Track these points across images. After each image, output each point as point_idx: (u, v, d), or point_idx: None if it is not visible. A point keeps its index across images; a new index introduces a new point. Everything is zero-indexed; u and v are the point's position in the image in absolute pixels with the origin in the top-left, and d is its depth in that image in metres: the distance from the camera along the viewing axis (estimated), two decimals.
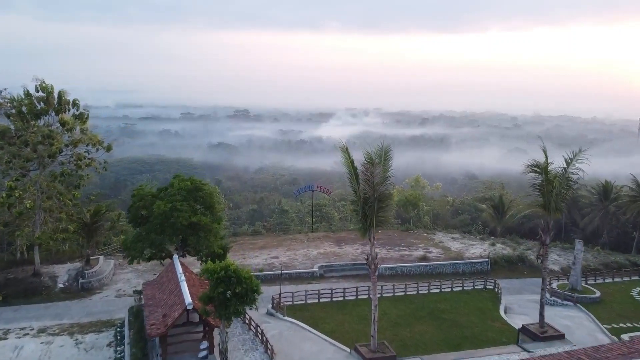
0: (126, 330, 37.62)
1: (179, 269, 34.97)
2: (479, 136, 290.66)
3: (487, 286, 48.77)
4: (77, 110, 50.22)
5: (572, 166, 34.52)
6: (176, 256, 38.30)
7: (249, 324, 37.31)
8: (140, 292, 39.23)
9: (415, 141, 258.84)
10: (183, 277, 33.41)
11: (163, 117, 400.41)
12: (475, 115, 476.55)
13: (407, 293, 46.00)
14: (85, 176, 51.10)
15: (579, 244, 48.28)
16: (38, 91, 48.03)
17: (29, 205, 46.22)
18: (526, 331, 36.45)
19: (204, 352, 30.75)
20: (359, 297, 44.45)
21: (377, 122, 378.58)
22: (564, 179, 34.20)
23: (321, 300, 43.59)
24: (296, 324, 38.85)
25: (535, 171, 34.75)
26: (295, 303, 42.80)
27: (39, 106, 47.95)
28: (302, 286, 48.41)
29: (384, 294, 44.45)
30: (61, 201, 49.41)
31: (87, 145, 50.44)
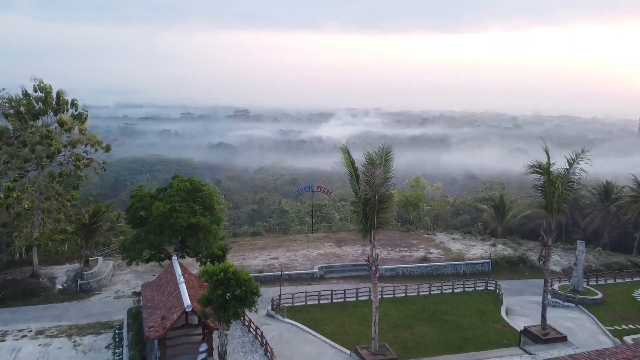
0: (125, 332, 37.33)
1: (178, 271, 34.67)
2: (479, 136, 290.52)
3: (488, 287, 48.51)
4: (75, 110, 49.95)
5: (574, 167, 34.19)
6: (175, 257, 37.98)
7: (248, 325, 37.03)
8: (139, 293, 38.92)
9: (415, 141, 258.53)
10: (182, 279, 33.10)
11: (163, 117, 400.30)
12: (475, 115, 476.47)
13: (408, 294, 45.76)
14: (84, 177, 50.72)
15: (580, 245, 47.97)
16: (36, 91, 47.75)
17: (27, 206, 45.94)
18: (528, 333, 36.16)
19: (203, 355, 30.51)
20: (360, 298, 44.19)
21: (377, 122, 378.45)
22: (566, 179, 33.85)
23: (321, 301, 43.36)
24: (296, 326, 38.59)
25: (538, 172, 34.40)
26: (295, 304, 42.58)
27: (37, 106, 47.67)
28: (302, 287, 48.19)
29: (384, 295, 44.21)
30: (60, 202, 49.10)
31: (85, 145, 50.18)
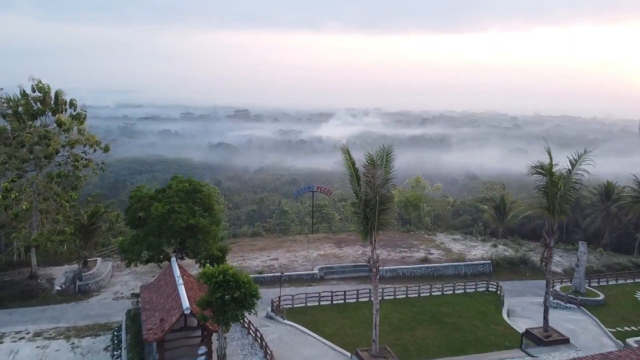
0: (123, 335, 37.00)
1: (177, 272, 34.37)
2: (479, 136, 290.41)
3: (490, 288, 48.19)
4: (74, 110, 49.51)
5: (576, 167, 33.87)
6: (174, 259, 37.68)
7: (248, 328, 36.72)
8: (138, 295, 38.59)
9: (415, 141, 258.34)
10: (181, 281, 32.81)
11: (163, 117, 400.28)
12: (475, 115, 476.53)
13: (409, 295, 45.48)
14: (82, 177, 50.35)
15: (582, 246, 47.64)
16: (35, 91, 47.31)
17: (25, 207, 45.55)
18: (530, 335, 35.84)
19: (202, 358, 30.15)
20: (360, 299, 43.87)
21: (377, 122, 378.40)
22: (568, 180, 33.52)
23: (321, 303, 43.06)
24: (296, 328, 38.28)
25: (540, 173, 34.08)
26: (295, 306, 42.28)
27: (35, 106, 47.24)
28: (302, 288, 47.88)
29: (385, 297, 43.88)
30: (58, 202, 48.72)
31: (84, 145, 49.72)
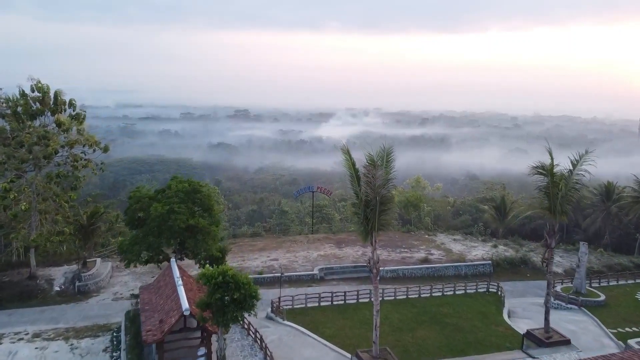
0: (122, 336, 36.82)
1: (176, 273, 34.22)
2: (479, 136, 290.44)
3: (490, 289, 48.02)
4: (73, 110, 49.32)
5: (578, 168, 33.69)
6: (173, 260, 37.51)
7: (247, 329, 36.56)
8: (137, 296, 38.45)
9: (415, 141, 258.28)
10: (180, 282, 32.66)
11: (163, 117, 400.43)
12: (475, 115, 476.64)
13: (409, 296, 45.31)
14: (81, 177, 50.17)
15: (583, 247, 47.46)
16: (34, 91, 47.15)
17: (24, 207, 45.38)
18: (531, 336, 35.66)
19: (202, 359, 30.06)
20: (360, 300, 43.69)
21: (377, 122, 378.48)
22: (570, 181, 33.34)
23: (321, 303, 42.90)
24: (296, 329, 38.11)
25: (541, 173, 33.90)
26: (295, 307, 42.13)
27: (34, 106, 47.08)
28: (302, 289, 47.73)
29: (385, 297, 43.70)
30: (57, 203, 48.56)
31: (83, 146, 49.55)
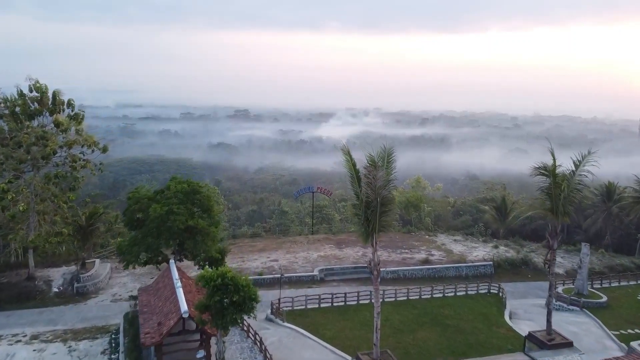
0: (121, 338, 36.54)
1: (175, 275, 33.92)
2: (479, 136, 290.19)
3: (491, 290, 47.73)
4: (72, 110, 49.03)
5: (580, 168, 33.39)
6: (172, 261, 37.21)
7: (247, 331, 36.28)
8: (136, 297, 38.18)
9: (415, 141, 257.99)
10: (179, 283, 32.38)
11: (163, 117, 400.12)
12: (475, 115, 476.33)
13: (410, 297, 45.04)
14: (80, 178, 49.87)
15: (585, 248, 47.15)
16: (32, 91, 46.86)
17: (22, 208, 45.09)
18: (533, 338, 35.35)
19: None
20: (361, 301, 43.40)
21: (377, 122, 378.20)
22: (572, 182, 33.04)
23: (322, 305, 42.64)
24: (296, 331, 37.86)
25: (543, 174, 33.59)
26: (295, 308, 41.85)
27: (32, 106, 46.77)
28: (302, 290, 47.42)
29: (386, 299, 43.40)
30: (56, 203, 48.28)
31: (82, 146, 49.24)
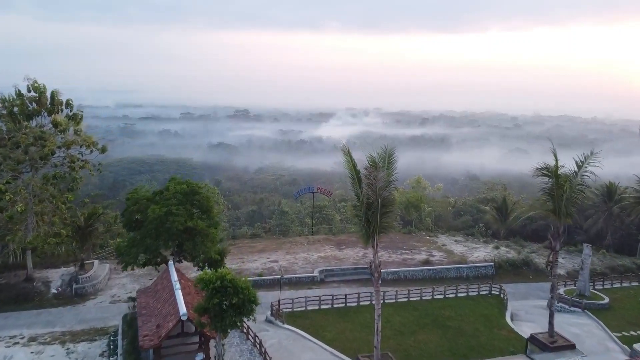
0: (119, 340, 36.22)
1: (174, 276, 33.65)
2: (479, 136, 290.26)
3: (492, 291, 47.42)
4: (70, 110, 48.76)
5: (583, 169, 33.08)
6: (171, 262, 36.94)
7: (246, 333, 35.96)
8: (135, 299, 37.87)
9: (416, 141, 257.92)
10: (178, 285, 32.10)
11: (163, 117, 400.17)
12: (475, 115, 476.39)
13: (411, 299, 44.69)
14: (79, 178, 49.54)
15: (586, 249, 46.82)
16: (30, 91, 46.57)
17: (20, 209, 44.77)
18: (535, 340, 35.03)
19: None
20: (361, 303, 43.11)
21: (377, 122, 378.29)
22: (575, 182, 32.73)
23: (322, 306, 42.32)
24: (296, 333, 37.57)
25: (545, 175, 33.28)
26: (295, 310, 41.51)
27: (30, 107, 46.50)
28: (302, 291, 47.10)
29: (386, 300, 43.04)
30: (54, 204, 47.97)
31: (80, 146, 48.92)
